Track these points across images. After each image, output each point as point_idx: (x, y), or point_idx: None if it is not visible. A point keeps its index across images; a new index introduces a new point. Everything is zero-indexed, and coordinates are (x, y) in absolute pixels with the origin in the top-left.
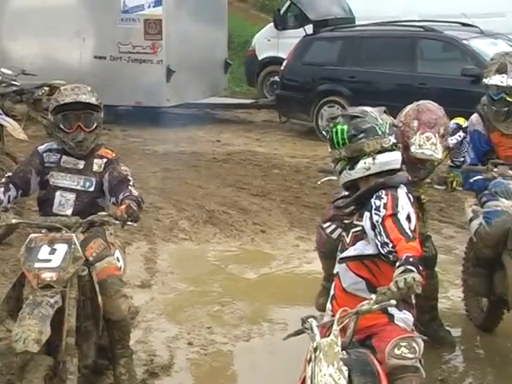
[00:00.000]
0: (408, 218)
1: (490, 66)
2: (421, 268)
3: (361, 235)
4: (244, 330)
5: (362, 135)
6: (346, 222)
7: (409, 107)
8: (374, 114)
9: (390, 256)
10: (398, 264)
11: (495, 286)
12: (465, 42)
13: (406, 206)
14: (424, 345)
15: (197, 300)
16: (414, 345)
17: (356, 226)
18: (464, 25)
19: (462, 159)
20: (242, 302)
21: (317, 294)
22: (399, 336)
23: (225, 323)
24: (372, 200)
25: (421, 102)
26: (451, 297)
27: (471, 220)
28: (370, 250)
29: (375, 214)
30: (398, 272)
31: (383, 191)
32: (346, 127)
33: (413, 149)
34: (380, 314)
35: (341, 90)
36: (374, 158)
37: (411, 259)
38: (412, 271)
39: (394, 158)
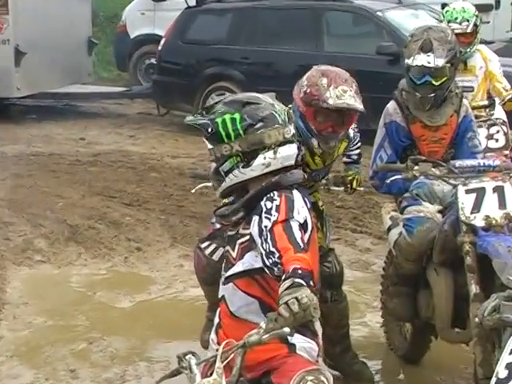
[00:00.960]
0: (302, 226)
1: (410, 43)
2: (313, 284)
3: (249, 245)
4: (117, 372)
5: (260, 124)
6: (230, 233)
7: (306, 74)
8: (269, 100)
9: (275, 269)
10: (283, 277)
11: (420, 308)
12: (379, 13)
13: (302, 211)
14: (336, 382)
15: (57, 337)
16: (323, 379)
17: (243, 235)
18: None
19: (357, 151)
20: (114, 337)
21: (201, 329)
22: (304, 369)
23: (93, 364)
24: (262, 202)
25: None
26: (368, 322)
27: (390, 229)
28: (260, 262)
29: (265, 217)
30: (284, 287)
31: (275, 192)
32: (237, 116)
33: (331, 101)
34: (278, 344)
35: (232, 73)
36: (275, 152)
37: (300, 271)
38: (302, 286)
39: (294, 152)
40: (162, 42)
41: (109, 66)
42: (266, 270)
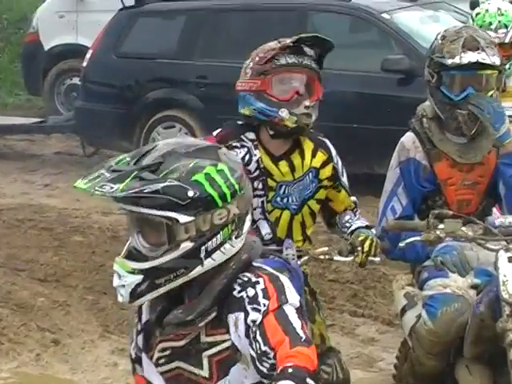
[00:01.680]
0: (300, 312)
1: (444, 45)
2: None
3: (231, 356)
4: None
5: (241, 173)
6: (176, 344)
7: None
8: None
9: (274, 374)
10: None
11: None
12: (386, 16)
13: (293, 291)
14: None
15: None
16: None
17: (212, 344)
18: None
19: (353, 199)
20: None
21: None
22: None
23: None
24: (236, 292)
25: None
26: None
27: (404, 311)
28: (251, 377)
29: (252, 309)
30: None
31: (247, 274)
32: (224, 166)
33: (288, 44)
34: None
35: (184, 98)
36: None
37: (291, 370)
38: None
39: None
40: (89, 55)
41: (15, 88)
42: (264, 381)
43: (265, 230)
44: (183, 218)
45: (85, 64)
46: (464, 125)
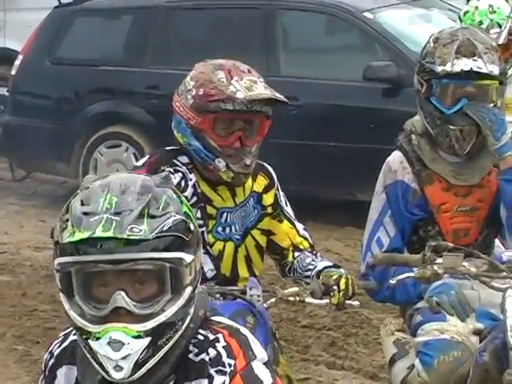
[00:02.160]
0: (268, 367)
1: (436, 49)
2: None
3: None
4: None
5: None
6: None
7: (189, 75)
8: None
9: None
10: None
11: None
12: (368, 15)
13: (257, 342)
14: None
15: None
16: None
17: None
18: None
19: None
20: None
21: None
22: None
23: None
24: (192, 355)
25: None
26: None
27: (394, 361)
28: None
29: (216, 372)
30: None
31: (201, 331)
32: (182, 195)
33: (241, 95)
34: None
35: (131, 112)
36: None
37: None
38: None
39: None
40: (18, 61)
41: None
42: None
43: (207, 265)
44: (188, 258)
45: (13, 72)
46: (456, 143)
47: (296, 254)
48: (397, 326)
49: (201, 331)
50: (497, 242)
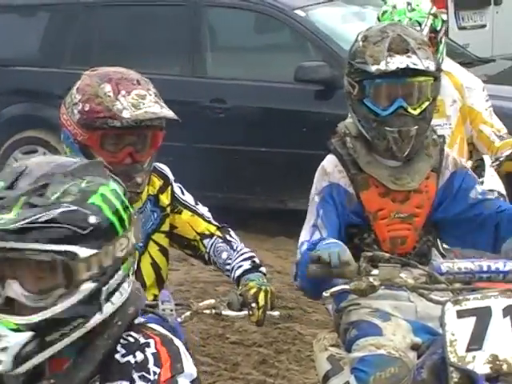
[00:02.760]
0: (194, 382)
1: (366, 48)
2: None
3: None
4: None
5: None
6: None
7: (76, 85)
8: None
9: None
10: None
11: None
12: (300, 13)
13: (188, 356)
14: None
15: None
16: None
17: None
18: None
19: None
20: None
21: None
22: None
23: None
24: (118, 356)
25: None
26: None
27: (327, 378)
28: None
29: (140, 378)
30: None
31: (133, 333)
32: (115, 185)
33: (127, 114)
34: None
35: (50, 115)
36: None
37: None
38: None
39: None
40: None
41: None
42: None
43: None
44: (84, 252)
45: None
46: (394, 145)
47: (206, 241)
48: (331, 340)
49: (132, 333)
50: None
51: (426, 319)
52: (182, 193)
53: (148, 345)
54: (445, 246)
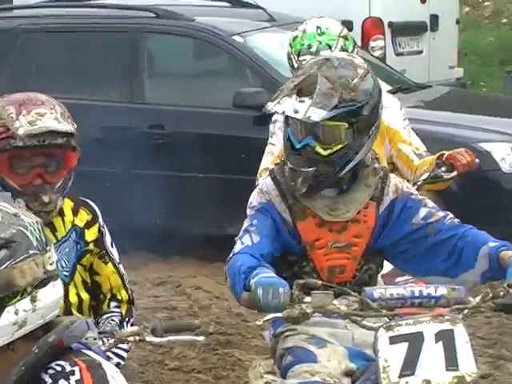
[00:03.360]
0: None
1: (289, 81)
2: None
3: None
4: None
5: (3, 254)
6: None
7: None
8: (9, 208)
9: None
10: None
11: None
12: (238, 39)
13: (120, 382)
14: None
15: None
16: None
17: None
18: (241, 4)
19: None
20: None
21: None
22: None
23: None
24: None
25: None
26: None
27: None
28: None
29: None
30: None
31: (61, 362)
32: None
33: (21, 131)
34: None
35: None
36: (33, 299)
37: None
38: None
39: (59, 294)
40: None
41: None
42: None
43: None
44: None
45: None
46: (291, 181)
47: (112, 304)
48: (266, 367)
49: (60, 362)
50: (379, 279)
51: (363, 346)
52: (112, 246)
53: (73, 372)
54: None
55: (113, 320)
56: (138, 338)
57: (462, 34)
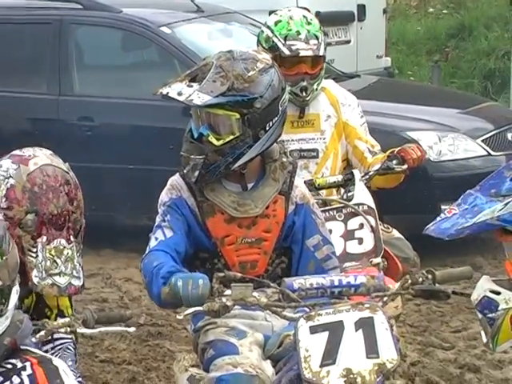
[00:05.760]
0: None
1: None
2: None
3: None
4: None
5: None
6: None
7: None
8: None
9: None
10: None
11: None
12: (166, 30)
13: (71, 376)
14: None
15: None
16: None
17: None
18: None
19: None
20: None
21: None
22: None
23: None
24: None
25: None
26: None
27: None
28: None
29: None
30: None
31: (12, 360)
32: None
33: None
34: None
35: None
36: None
37: None
38: None
39: (5, 324)
40: None
41: None
42: None
43: None
44: None
45: None
46: (183, 169)
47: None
48: (191, 361)
49: (11, 360)
50: None
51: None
52: None
53: (24, 368)
54: None
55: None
56: (69, 329)
57: (390, 24)
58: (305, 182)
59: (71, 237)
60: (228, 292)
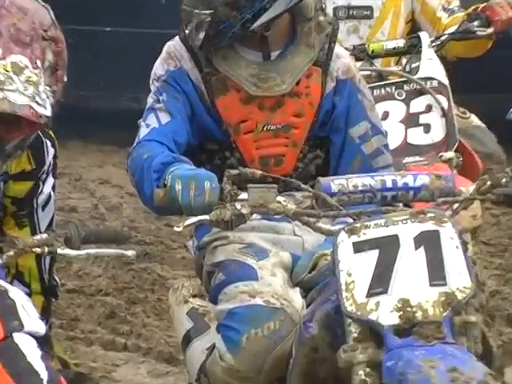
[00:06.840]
0: (43, 343)
1: None
2: None
3: None
4: None
5: None
6: None
7: None
8: None
9: None
10: None
11: None
12: None
13: (33, 312)
14: None
15: None
16: None
17: None
18: None
19: None
20: None
21: None
22: None
23: None
24: None
25: None
26: None
27: (188, 339)
28: None
29: None
30: None
31: None
32: None
33: None
34: None
35: None
36: None
37: None
38: None
39: None
40: None
41: None
42: None
43: None
44: None
45: None
46: (195, 30)
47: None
48: (192, 289)
49: None
50: None
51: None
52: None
53: None
54: None
55: None
56: (46, 249)
57: None
58: (354, 46)
59: (38, 62)
60: (244, 196)
